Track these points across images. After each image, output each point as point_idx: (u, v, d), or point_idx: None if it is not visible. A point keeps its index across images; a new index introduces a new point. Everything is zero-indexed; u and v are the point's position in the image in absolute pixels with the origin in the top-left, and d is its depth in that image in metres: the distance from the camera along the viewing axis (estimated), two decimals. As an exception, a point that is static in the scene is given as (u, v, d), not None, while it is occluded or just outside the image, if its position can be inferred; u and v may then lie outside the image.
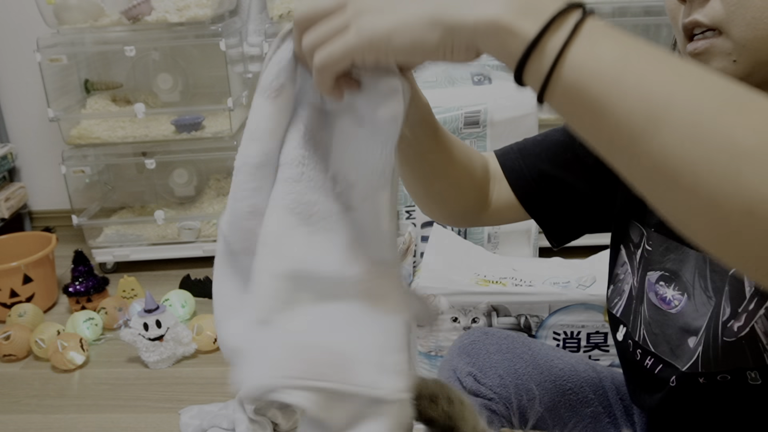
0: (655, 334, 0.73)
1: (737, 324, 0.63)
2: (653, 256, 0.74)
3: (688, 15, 0.58)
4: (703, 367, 0.67)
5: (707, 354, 0.66)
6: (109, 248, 2.27)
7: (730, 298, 0.63)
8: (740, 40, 0.56)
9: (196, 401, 1.59)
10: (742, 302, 0.63)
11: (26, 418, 1.60)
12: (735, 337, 0.63)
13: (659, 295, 0.73)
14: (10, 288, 2.00)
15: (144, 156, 2.22)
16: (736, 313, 0.63)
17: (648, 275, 0.74)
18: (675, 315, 0.71)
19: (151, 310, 1.71)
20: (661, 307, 0.72)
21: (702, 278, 0.69)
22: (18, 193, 2.50)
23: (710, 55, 0.58)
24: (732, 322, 0.63)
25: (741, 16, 0.55)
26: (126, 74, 2.37)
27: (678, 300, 0.71)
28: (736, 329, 0.63)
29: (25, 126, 2.57)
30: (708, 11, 0.57)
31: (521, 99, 1.47)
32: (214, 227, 2.29)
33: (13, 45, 2.47)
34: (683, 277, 0.70)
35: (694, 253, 0.69)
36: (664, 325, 0.72)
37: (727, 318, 0.64)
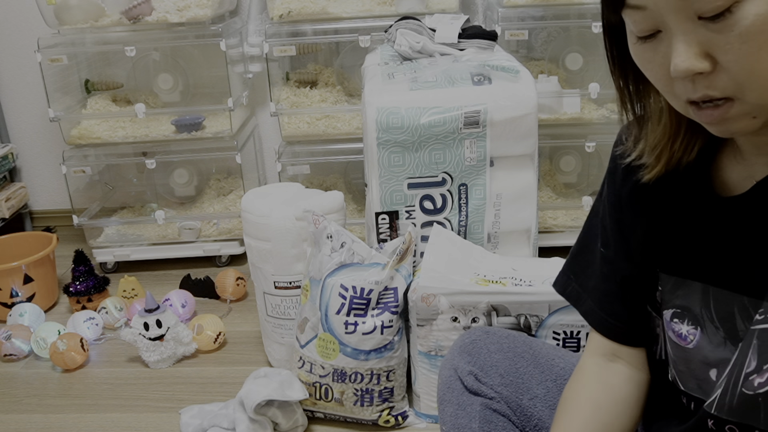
0: (681, 371, 0.74)
1: (759, 380, 0.62)
2: (664, 296, 0.74)
3: (693, 91, 0.56)
4: (717, 411, 0.66)
5: (723, 399, 0.65)
6: (110, 248, 2.27)
7: (759, 353, 0.62)
8: (757, 102, 0.55)
9: (196, 401, 1.59)
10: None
11: (27, 418, 1.60)
12: (753, 392, 0.62)
13: (676, 332, 0.73)
14: (10, 288, 2.00)
15: (144, 156, 2.23)
16: (762, 369, 0.62)
17: (664, 314, 0.74)
18: (693, 350, 0.71)
19: (151, 310, 1.71)
20: (680, 343, 0.72)
21: (707, 310, 0.69)
22: (19, 193, 2.51)
23: (729, 121, 0.57)
24: (755, 376, 0.62)
25: (753, 84, 0.54)
26: (126, 74, 2.37)
27: (693, 335, 0.71)
28: (756, 384, 0.62)
29: (26, 126, 2.58)
30: (717, 85, 0.55)
31: (521, 99, 1.48)
32: (214, 227, 2.29)
33: (14, 45, 2.47)
34: (693, 311, 0.70)
35: (698, 285, 0.70)
36: (687, 360, 0.72)
37: (751, 371, 0.63)
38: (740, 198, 0.66)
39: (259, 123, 2.52)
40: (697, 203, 0.70)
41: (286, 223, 1.52)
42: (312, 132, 2.12)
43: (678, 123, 0.68)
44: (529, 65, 2.12)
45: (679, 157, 0.70)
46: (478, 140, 1.48)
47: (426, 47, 1.67)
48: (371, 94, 1.50)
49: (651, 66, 0.60)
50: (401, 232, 1.54)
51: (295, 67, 2.30)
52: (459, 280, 1.36)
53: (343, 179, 2.37)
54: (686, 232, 0.71)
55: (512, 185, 1.54)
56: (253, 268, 1.62)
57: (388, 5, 2.06)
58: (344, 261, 1.41)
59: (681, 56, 0.54)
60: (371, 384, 1.42)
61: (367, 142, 1.50)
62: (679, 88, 0.58)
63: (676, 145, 0.69)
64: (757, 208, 0.64)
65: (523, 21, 1.99)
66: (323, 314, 1.41)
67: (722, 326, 0.67)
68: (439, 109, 1.46)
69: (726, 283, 0.67)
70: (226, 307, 2.01)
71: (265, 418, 1.41)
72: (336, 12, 2.04)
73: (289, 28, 2.08)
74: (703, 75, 0.55)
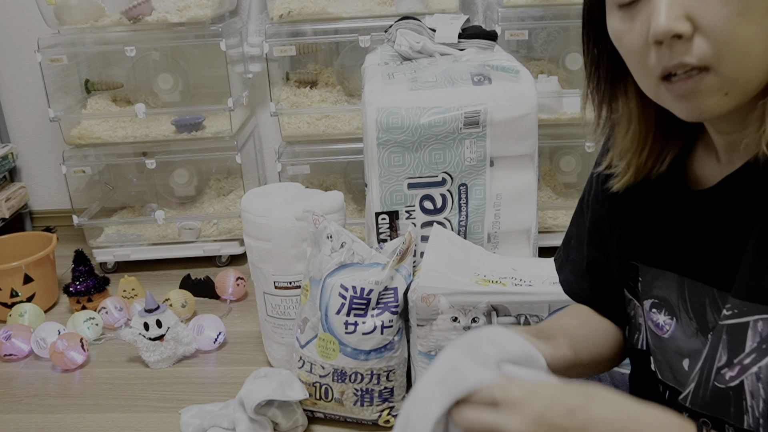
0: (659, 361, 0.74)
1: (730, 373, 0.63)
2: (644, 286, 0.75)
3: (669, 58, 0.56)
4: (691, 404, 0.67)
5: (697, 392, 0.67)
6: (110, 248, 2.27)
7: (728, 348, 0.63)
8: (731, 75, 0.55)
9: (196, 401, 1.59)
10: (739, 354, 0.62)
11: (26, 418, 1.60)
12: (725, 385, 0.64)
13: (654, 322, 0.74)
14: (10, 288, 2.00)
15: (144, 156, 2.23)
16: (732, 363, 0.63)
17: (644, 304, 0.75)
18: (668, 339, 0.72)
19: (151, 310, 1.71)
20: (657, 333, 0.73)
21: (683, 300, 0.70)
22: (19, 193, 2.51)
23: (701, 94, 0.56)
24: (726, 369, 0.63)
25: (730, 52, 0.54)
26: (126, 74, 2.37)
27: (669, 325, 0.72)
28: (727, 378, 0.63)
29: (26, 126, 2.58)
30: (695, 51, 0.54)
31: (521, 99, 1.48)
32: (214, 227, 2.29)
33: (14, 45, 2.47)
34: (671, 302, 0.71)
35: (674, 276, 0.70)
36: (663, 350, 0.73)
37: (722, 365, 0.64)
38: (709, 191, 0.67)
39: (259, 123, 2.52)
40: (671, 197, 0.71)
41: (286, 223, 1.52)
42: (312, 132, 2.12)
43: (647, 130, 0.69)
44: (529, 65, 2.12)
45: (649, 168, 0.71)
46: (478, 140, 1.48)
47: (426, 47, 1.67)
48: (371, 94, 1.50)
49: (629, 38, 0.59)
50: (401, 232, 1.54)
51: (295, 67, 2.30)
52: (459, 280, 1.36)
53: (343, 179, 2.37)
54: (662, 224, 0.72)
55: (512, 185, 1.54)
56: (253, 268, 1.62)
57: (388, 5, 2.06)
58: (344, 261, 1.41)
59: (662, 15, 0.54)
60: (371, 384, 1.42)
61: (367, 142, 1.50)
62: (653, 58, 0.57)
63: (644, 153, 0.70)
64: (724, 200, 0.65)
65: (523, 21, 1.99)
66: (323, 314, 1.41)
67: (695, 317, 0.68)
68: (439, 109, 1.46)
69: (698, 275, 0.68)
70: (226, 307, 2.01)
71: (265, 418, 1.41)
72: (336, 12, 2.04)
73: (289, 28, 2.08)
74: (682, 41, 0.55)
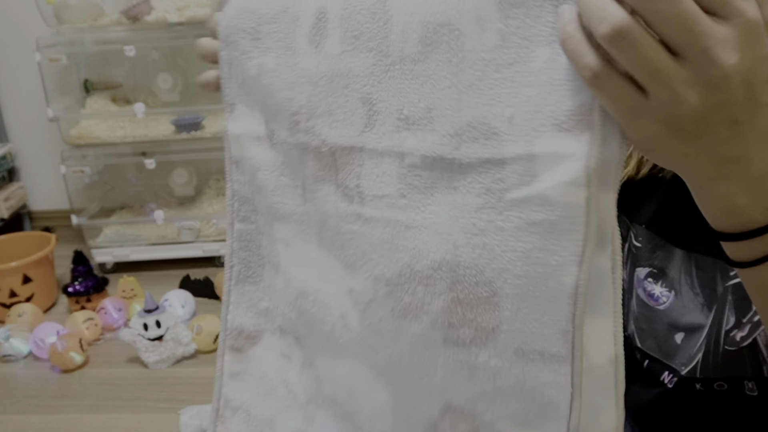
0: (642, 329, 0.74)
1: (740, 334, 0.63)
2: (641, 253, 0.74)
3: None
4: (702, 373, 0.66)
5: (707, 360, 0.66)
6: (109, 248, 2.26)
7: (735, 308, 0.63)
8: None
9: (196, 401, 1.59)
10: (747, 313, 0.62)
11: (26, 418, 1.60)
12: (737, 347, 0.63)
13: (647, 291, 0.72)
14: (9, 288, 1.99)
15: (144, 156, 2.22)
16: (741, 323, 0.63)
17: (637, 271, 0.74)
18: (663, 311, 0.71)
19: (150, 310, 1.70)
20: (649, 303, 0.72)
21: (688, 276, 0.69)
22: (17, 193, 2.50)
23: None
24: (735, 331, 0.63)
25: None
26: (126, 74, 2.37)
27: (666, 297, 0.70)
28: (738, 339, 0.63)
29: (25, 126, 2.57)
30: None
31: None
32: (214, 227, 2.29)
33: (13, 45, 2.47)
34: (670, 275, 0.70)
35: (680, 251, 0.69)
36: (651, 320, 0.72)
37: (730, 327, 0.63)
38: None
39: (259, 123, 2.51)
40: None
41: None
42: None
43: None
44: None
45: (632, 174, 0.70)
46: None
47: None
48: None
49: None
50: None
51: (294, 67, 2.29)
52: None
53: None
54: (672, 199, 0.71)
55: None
56: (253, 269, 1.62)
57: (388, 5, 2.05)
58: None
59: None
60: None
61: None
62: None
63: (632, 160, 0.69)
64: None
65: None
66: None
67: (702, 292, 0.67)
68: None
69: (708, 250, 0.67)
70: (226, 308, 2.01)
71: (265, 418, 1.40)
72: (336, 11, 2.04)
73: (289, 28, 2.07)
74: None
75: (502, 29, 0.39)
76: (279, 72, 0.48)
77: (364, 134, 0.45)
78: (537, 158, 0.38)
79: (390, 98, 0.43)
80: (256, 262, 0.54)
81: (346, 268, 0.47)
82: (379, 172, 0.45)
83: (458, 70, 0.40)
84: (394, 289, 0.45)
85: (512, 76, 0.39)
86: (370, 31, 0.43)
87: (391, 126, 0.44)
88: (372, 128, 0.44)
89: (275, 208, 0.51)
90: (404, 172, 0.43)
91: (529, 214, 0.39)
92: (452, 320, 0.43)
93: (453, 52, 0.40)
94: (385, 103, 0.43)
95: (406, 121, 0.43)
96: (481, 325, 0.42)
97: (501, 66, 0.39)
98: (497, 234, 0.40)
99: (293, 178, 0.50)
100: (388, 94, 0.43)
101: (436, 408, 0.46)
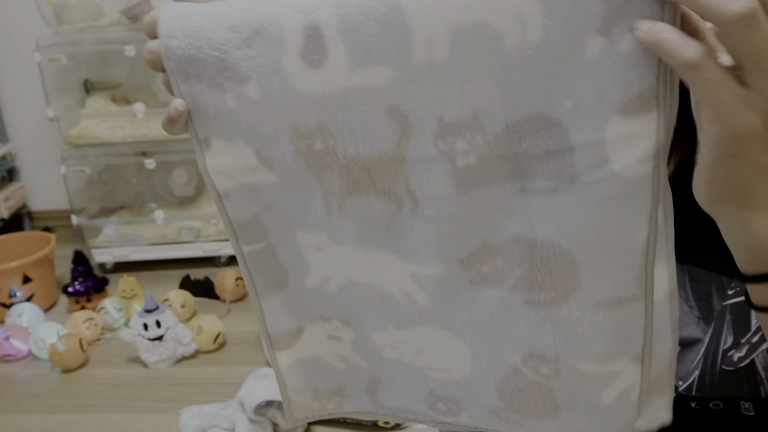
0: None
1: (738, 354, 0.62)
2: None
3: None
4: (698, 392, 0.66)
5: (703, 379, 0.65)
6: (109, 248, 2.27)
7: (734, 328, 0.63)
8: None
9: (196, 401, 1.59)
10: (746, 334, 0.62)
11: (26, 419, 1.60)
12: (734, 367, 0.63)
13: None
14: (9, 288, 1.99)
15: (144, 156, 2.22)
16: (739, 343, 0.62)
17: None
18: None
19: (150, 310, 1.70)
20: None
21: (682, 288, 0.68)
22: (17, 193, 2.50)
23: None
24: (733, 351, 0.63)
25: None
26: (125, 74, 2.36)
27: None
28: (736, 359, 0.63)
29: (25, 126, 2.57)
30: None
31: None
32: (214, 227, 2.29)
33: (13, 45, 2.46)
34: None
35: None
36: None
37: (728, 347, 0.63)
38: None
39: (259, 123, 2.51)
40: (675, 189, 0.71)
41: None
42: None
43: None
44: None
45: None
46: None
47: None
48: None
49: None
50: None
51: (294, 67, 2.29)
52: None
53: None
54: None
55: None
56: (253, 269, 1.62)
57: (387, 5, 2.05)
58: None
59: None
60: (371, 384, 1.42)
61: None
62: None
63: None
64: None
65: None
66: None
67: (697, 305, 0.67)
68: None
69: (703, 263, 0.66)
70: (226, 308, 2.01)
71: (265, 418, 1.40)
72: (336, 11, 2.04)
73: (289, 28, 2.07)
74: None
75: (548, 24, 0.39)
76: (269, 100, 0.44)
77: (401, 146, 0.44)
78: (607, 142, 0.40)
79: (424, 107, 0.42)
80: (277, 272, 0.53)
81: (403, 257, 0.48)
82: (429, 177, 0.44)
83: (502, 70, 0.40)
84: (471, 265, 0.47)
85: (565, 69, 0.40)
86: (385, 43, 0.41)
87: (431, 134, 0.43)
88: (409, 139, 0.43)
89: (295, 220, 0.50)
90: (460, 174, 0.44)
91: (603, 192, 0.42)
92: (532, 285, 0.47)
93: (493, 52, 0.40)
94: (419, 112, 0.42)
95: (450, 126, 0.42)
96: (561, 287, 0.46)
97: (551, 60, 0.39)
98: (572, 212, 0.43)
99: (309, 192, 0.48)
100: (421, 103, 0.42)
101: (519, 355, 0.50)
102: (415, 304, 0.50)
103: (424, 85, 0.41)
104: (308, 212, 0.49)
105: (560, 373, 0.49)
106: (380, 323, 0.53)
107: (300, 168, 0.47)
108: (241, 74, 0.44)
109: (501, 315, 0.49)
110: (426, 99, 0.42)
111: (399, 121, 0.43)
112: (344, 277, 0.52)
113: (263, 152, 0.47)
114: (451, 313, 0.50)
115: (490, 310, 0.49)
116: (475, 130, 0.42)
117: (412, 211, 0.46)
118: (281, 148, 0.46)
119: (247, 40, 0.43)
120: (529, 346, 0.49)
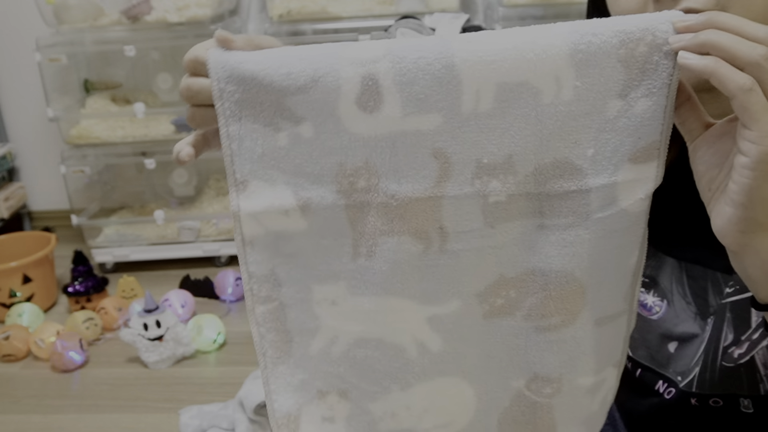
0: (634, 339, 0.73)
1: (738, 351, 0.63)
2: None
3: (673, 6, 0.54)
4: (698, 388, 0.66)
5: (704, 376, 0.66)
6: (109, 248, 2.26)
7: (734, 326, 0.63)
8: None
9: (196, 401, 1.59)
10: (746, 331, 0.62)
11: (26, 419, 1.60)
12: (734, 363, 0.63)
13: (640, 301, 0.72)
14: (9, 288, 1.99)
15: (144, 156, 2.22)
16: (739, 340, 0.63)
17: None
18: (656, 321, 0.71)
19: (150, 310, 1.70)
20: (642, 312, 0.72)
21: (679, 285, 0.69)
22: (17, 193, 2.50)
23: None
24: (733, 348, 0.63)
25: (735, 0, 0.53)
26: (126, 74, 2.36)
27: (659, 306, 0.70)
28: (736, 356, 0.63)
29: (25, 126, 2.57)
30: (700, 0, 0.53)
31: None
32: (214, 227, 2.29)
33: (13, 45, 2.46)
34: (661, 284, 0.70)
35: (671, 260, 0.69)
36: (643, 330, 0.72)
37: (728, 344, 0.63)
38: None
39: (259, 123, 2.51)
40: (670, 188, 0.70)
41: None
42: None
43: None
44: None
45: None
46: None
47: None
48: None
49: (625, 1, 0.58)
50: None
51: (294, 67, 2.29)
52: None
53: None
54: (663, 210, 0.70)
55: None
56: (253, 268, 1.61)
57: (388, 5, 2.05)
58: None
59: None
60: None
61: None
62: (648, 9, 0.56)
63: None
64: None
65: (524, 20, 1.99)
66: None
67: (694, 301, 0.67)
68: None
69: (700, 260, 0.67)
70: (226, 308, 2.01)
71: (265, 418, 1.40)
72: (336, 11, 2.04)
73: (289, 28, 2.07)
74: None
75: (578, 86, 0.47)
76: (322, 139, 0.48)
77: (440, 184, 0.49)
78: (618, 185, 0.49)
79: (466, 150, 0.48)
80: (283, 340, 0.54)
81: (422, 302, 0.52)
82: (461, 213, 0.50)
83: (537, 122, 0.47)
84: (486, 298, 0.53)
85: (589, 124, 0.48)
86: (438, 94, 0.47)
87: (470, 174, 0.49)
88: (448, 178, 0.49)
89: (316, 272, 0.52)
90: (490, 209, 0.50)
91: (611, 225, 0.50)
92: (544, 312, 0.53)
93: (531, 106, 0.47)
94: (461, 155, 0.48)
95: (487, 167, 0.49)
96: (570, 311, 0.52)
97: (578, 116, 0.48)
98: (585, 245, 0.50)
99: (337, 238, 0.51)
100: (464, 147, 0.48)
101: (523, 380, 0.55)
102: (427, 354, 0.53)
103: (468, 131, 0.48)
104: (331, 261, 0.51)
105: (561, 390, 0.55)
106: (383, 388, 0.54)
107: (336, 210, 0.50)
108: (297, 115, 0.48)
109: (512, 343, 0.54)
110: (468, 143, 0.48)
111: (441, 162, 0.48)
112: (355, 335, 0.53)
113: (302, 193, 0.50)
114: (464, 353, 0.54)
115: (501, 341, 0.54)
116: (508, 171, 0.48)
117: (440, 247, 0.51)
118: (322, 188, 0.49)
119: (304, 87, 0.47)
120: (534, 369, 0.55)
